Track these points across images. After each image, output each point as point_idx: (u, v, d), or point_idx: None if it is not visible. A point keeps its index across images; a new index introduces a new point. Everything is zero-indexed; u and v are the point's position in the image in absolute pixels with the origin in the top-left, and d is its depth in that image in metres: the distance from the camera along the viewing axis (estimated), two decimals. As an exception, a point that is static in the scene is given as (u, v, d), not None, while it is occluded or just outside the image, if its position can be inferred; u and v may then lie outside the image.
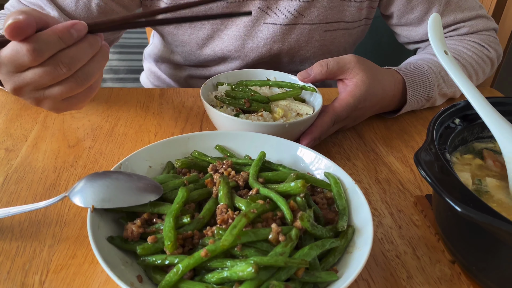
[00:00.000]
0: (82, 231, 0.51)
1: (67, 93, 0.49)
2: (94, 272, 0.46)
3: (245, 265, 0.37)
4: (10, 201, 0.54)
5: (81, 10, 0.77)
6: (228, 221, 0.42)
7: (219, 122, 0.64)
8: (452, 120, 0.54)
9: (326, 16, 0.86)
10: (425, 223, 0.56)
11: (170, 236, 0.41)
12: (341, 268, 0.42)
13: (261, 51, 0.88)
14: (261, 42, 0.86)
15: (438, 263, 0.50)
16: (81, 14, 0.78)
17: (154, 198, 0.46)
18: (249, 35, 0.86)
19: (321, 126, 0.64)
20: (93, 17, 0.79)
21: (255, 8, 0.83)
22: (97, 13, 0.79)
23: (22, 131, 0.68)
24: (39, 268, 0.46)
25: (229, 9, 0.83)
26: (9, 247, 0.48)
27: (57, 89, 0.48)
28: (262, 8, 0.83)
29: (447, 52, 0.55)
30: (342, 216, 0.47)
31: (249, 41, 0.87)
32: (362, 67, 0.69)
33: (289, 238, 0.41)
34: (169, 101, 0.80)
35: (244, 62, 0.90)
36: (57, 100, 0.50)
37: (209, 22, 0.85)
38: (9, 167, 0.60)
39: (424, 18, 0.88)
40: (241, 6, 0.83)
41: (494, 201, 0.47)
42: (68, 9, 0.77)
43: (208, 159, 0.54)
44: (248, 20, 0.85)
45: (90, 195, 0.45)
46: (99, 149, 0.65)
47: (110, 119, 0.73)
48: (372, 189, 0.61)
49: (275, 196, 0.45)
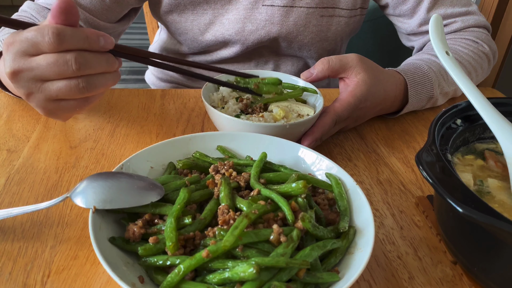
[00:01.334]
0: (84, 232, 0.51)
1: (64, 93, 0.48)
2: (95, 273, 0.46)
3: (247, 265, 0.37)
4: (12, 202, 0.54)
5: (96, 2, 0.81)
6: (230, 222, 0.42)
7: (220, 123, 0.64)
8: (454, 121, 0.54)
9: (322, 0, 0.88)
10: (426, 224, 0.55)
11: (172, 237, 0.41)
12: (342, 269, 0.42)
13: (260, 33, 0.90)
14: (260, 24, 0.89)
15: (439, 264, 0.50)
16: (96, 6, 0.81)
17: (155, 198, 0.46)
18: (248, 17, 0.88)
19: (322, 127, 0.64)
20: (107, 7, 0.82)
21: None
22: (110, 3, 0.83)
23: (24, 132, 0.69)
24: (41, 268, 0.46)
25: None
26: (11, 248, 0.48)
27: (56, 85, 0.47)
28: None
29: (449, 52, 0.55)
30: (343, 217, 0.47)
31: (249, 24, 0.89)
32: (364, 66, 0.69)
33: (291, 239, 0.41)
34: (170, 102, 0.80)
35: (244, 46, 0.92)
36: (50, 97, 0.48)
37: (211, 7, 0.88)
38: (11, 168, 0.60)
39: (416, 10, 0.89)
40: None
41: (495, 202, 0.47)
42: (83, 3, 0.80)
43: (210, 160, 0.54)
44: (248, 2, 0.87)
45: (91, 196, 0.45)
46: (101, 150, 0.65)
47: (112, 120, 0.73)
48: (373, 190, 0.61)
49: (276, 197, 0.45)
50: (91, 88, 0.48)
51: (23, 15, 0.79)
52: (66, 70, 0.46)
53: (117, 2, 0.84)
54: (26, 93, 0.49)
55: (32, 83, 0.48)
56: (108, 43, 0.48)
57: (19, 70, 0.47)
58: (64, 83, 0.47)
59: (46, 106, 0.50)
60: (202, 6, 0.88)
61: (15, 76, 0.48)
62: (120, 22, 0.90)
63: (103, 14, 0.83)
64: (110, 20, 0.86)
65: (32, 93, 0.49)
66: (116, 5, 0.84)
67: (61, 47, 0.45)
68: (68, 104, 0.50)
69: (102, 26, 0.84)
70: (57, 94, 0.48)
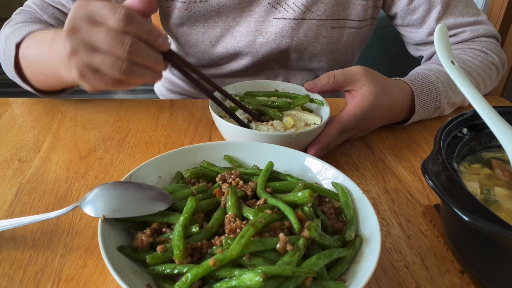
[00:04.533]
0: (93, 241, 0.51)
1: (106, 67, 0.51)
2: (104, 282, 0.46)
3: (253, 274, 0.37)
4: (23, 211, 0.55)
5: None
6: (236, 230, 0.43)
7: (227, 132, 0.65)
8: (460, 130, 0.54)
9: (332, 12, 0.88)
10: (434, 233, 0.55)
11: (179, 246, 0.41)
12: (349, 278, 0.42)
13: (271, 46, 0.90)
14: (271, 37, 0.89)
15: (447, 273, 0.50)
16: None
17: (163, 207, 0.47)
18: (259, 30, 0.89)
19: (328, 136, 0.65)
20: None
21: (265, 4, 0.87)
22: None
23: (35, 142, 0.70)
24: (51, 277, 0.46)
25: (241, 7, 0.87)
26: (21, 257, 0.49)
27: (103, 57, 0.50)
28: (272, 4, 0.87)
29: (454, 62, 0.55)
30: (349, 226, 0.47)
31: (260, 36, 0.89)
32: (369, 78, 0.69)
33: (297, 248, 0.41)
34: (178, 113, 0.81)
35: (254, 58, 0.92)
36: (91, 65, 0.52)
37: (222, 20, 0.89)
38: (22, 178, 0.61)
39: (425, 19, 0.90)
40: (252, 3, 0.87)
41: (503, 211, 0.47)
42: None
43: (217, 169, 0.55)
44: (259, 16, 0.88)
45: (101, 205, 0.45)
46: (110, 160, 0.66)
47: (121, 130, 0.74)
48: (380, 199, 0.61)
49: (282, 206, 0.46)
50: (131, 74, 0.51)
51: (26, 9, 0.81)
52: (118, 50, 0.50)
53: None
54: (73, 50, 0.52)
55: (83, 45, 0.51)
56: (165, 45, 0.52)
57: (78, 29, 0.50)
58: (110, 59, 0.50)
59: (83, 69, 0.53)
60: (213, 18, 0.89)
61: (71, 33, 0.51)
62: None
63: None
64: None
65: (78, 53, 0.51)
66: None
67: (125, 29, 0.49)
68: (103, 78, 0.53)
69: None
70: (98, 65, 0.51)
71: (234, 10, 0.87)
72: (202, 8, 0.86)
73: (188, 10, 0.87)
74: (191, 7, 0.87)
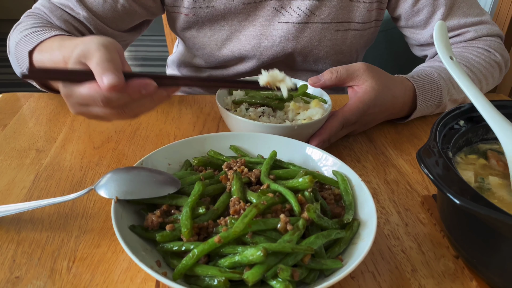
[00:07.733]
0: (106, 224, 0.54)
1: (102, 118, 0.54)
2: (116, 260, 0.49)
3: (255, 249, 0.40)
4: (40, 196, 0.59)
5: (108, 10, 0.84)
6: (240, 211, 0.45)
7: (234, 124, 0.68)
8: (457, 122, 0.56)
9: (336, 16, 0.90)
10: (431, 221, 0.58)
11: (187, 224, 0.44)
12: (346, 258, 0.45)
13: (276, 49, 0.92)
14: (276, 41, 0.91)
15: (442, 258, 0.52)
16: (107, 14, 0.84)
17: (172, 191, 0.49)
18: (264, 34, 0.91)
19: (330, 129, 0.67)
20: (118, 16, 0.86)
21: (270, 8, 0.89)
22: (122, 13, 0.85)
23: (51, 133, 0.73)
24: (67, 255, 0.50)
25: (246, 11, 0.89)
26: (39, 237, 0.52)
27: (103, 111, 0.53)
28: (276, 8, 0.89)
29: (453, 57, 0.57)
30: (348, 210, 0.50)
31: (265, 40, 0.92)
32: (371, 74, 0.71)
33: (297, 228, 0.44)
34: (187, 107, 0.84)
35: (260, 61, 0.95)
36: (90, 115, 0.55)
37: (228, 24, 0.91)
38: (40, 166, 0.65)
39: (429, 21, 0.91)
40: (257, 7, 0.89)
41: (495, 198, 0.49)
42: (96, 9, 0.83)
43: (223, 158, 0.58)
44: (264, 20, 0.90)
45: (114, 187, 0.48)
46: (122, 150, 0.70)
47: (133, 123, 0.78)
48: (380, 189, 0.63)
49: (284, 190, 0.48)
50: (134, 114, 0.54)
51: (36, 12, 0.83)
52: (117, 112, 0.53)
53: (128, 13, 0.86)
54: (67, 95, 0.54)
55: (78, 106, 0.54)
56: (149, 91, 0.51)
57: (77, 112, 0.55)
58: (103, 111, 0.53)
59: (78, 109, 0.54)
60: (219, 22, 0.91)
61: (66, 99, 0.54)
62: (130, 32, 0.93)
63: (113, 23, 0.86)
64: (120, 29, 0.89)
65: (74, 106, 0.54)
66: (127, 16, 0.86)
67: (110, 107, 0.52)
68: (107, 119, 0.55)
69: (110, 33, 0.87)
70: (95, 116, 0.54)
71: (239, 14, 0.89)
72: (208, 13, 0.89)
73: (194, 15, 0.89)
74: (197, 12, 0.89)
